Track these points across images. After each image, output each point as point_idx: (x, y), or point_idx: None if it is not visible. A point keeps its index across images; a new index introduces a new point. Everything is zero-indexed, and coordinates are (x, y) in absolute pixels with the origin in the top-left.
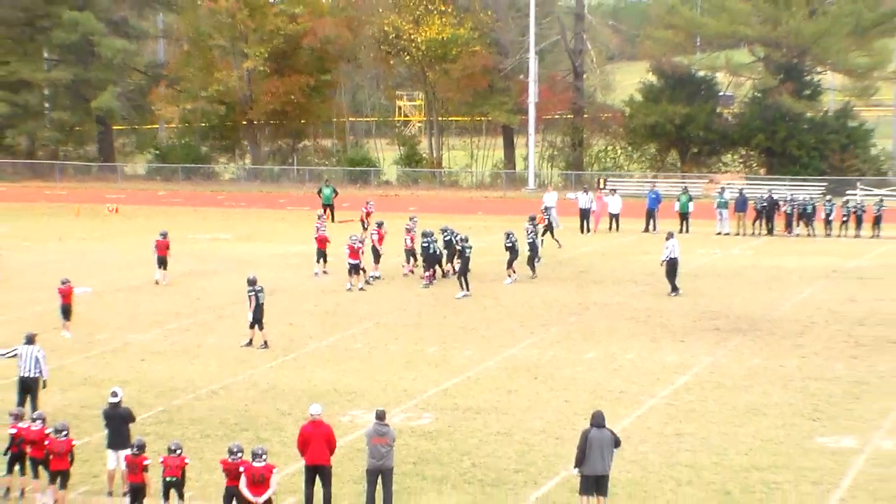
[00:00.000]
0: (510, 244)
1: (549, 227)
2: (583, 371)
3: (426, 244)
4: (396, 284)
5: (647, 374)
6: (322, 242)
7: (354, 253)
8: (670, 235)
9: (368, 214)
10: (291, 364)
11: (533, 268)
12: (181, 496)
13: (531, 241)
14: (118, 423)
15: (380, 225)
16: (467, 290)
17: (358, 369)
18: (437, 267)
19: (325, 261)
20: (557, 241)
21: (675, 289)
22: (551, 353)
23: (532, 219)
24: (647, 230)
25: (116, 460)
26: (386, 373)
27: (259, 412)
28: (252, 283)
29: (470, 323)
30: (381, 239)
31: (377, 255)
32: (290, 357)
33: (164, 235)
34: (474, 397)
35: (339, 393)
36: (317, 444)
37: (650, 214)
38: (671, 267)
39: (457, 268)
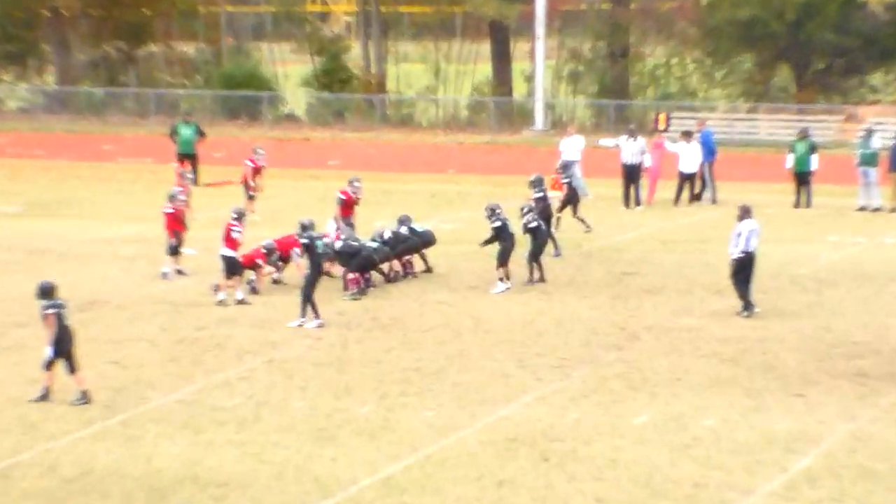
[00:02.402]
0: (498, 224)
1: (570, 197)
2: (628, 447)
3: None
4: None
5: (741, 454)
6: (176, 221)
7: (231, 241)
8: (745, 213)
9: (257, 172)
10: (118, 432)
11: (537, 266)
12: None
13: (534, 225)
14: None
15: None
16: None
17: (234, 442)
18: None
19: (178, 252)
20: (583, 221)
21: (747, 304)
22: (573, 416)
23: (537, 184)
24: (697, 197)
25: None
26: (284, 448)
27: None
28: (46, 292)
29: (432, 361)
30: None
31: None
32: (117, 420)
33: None
34: (440, 494)
35: (201, 484)
36: None
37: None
38: (742, 266)
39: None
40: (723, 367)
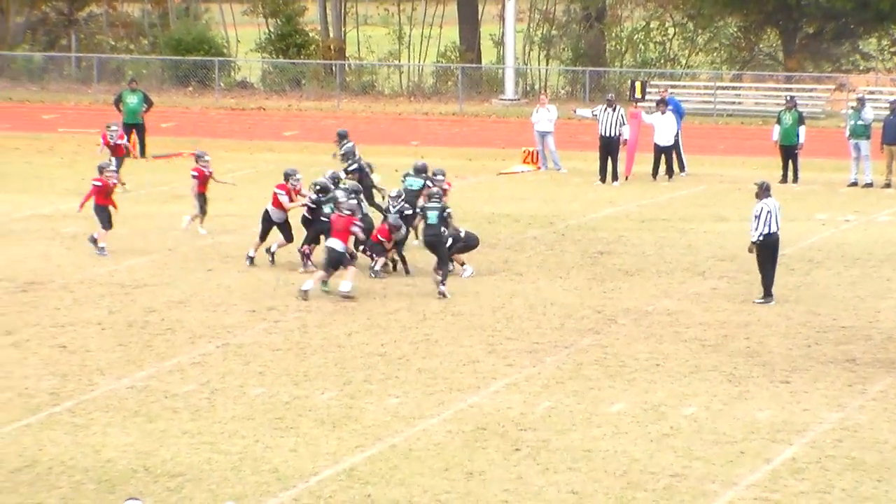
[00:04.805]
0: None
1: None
2: (604, 437)
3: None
4: (262, 271)
5: (722, 444)
6: (102, 195)
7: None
8: (764, 191)
9: (121, 152)
10: (65, 421)
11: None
12: None
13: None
14: None
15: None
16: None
17: (188, 431)
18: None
19: (110, 226)
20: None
21: (769, 292)
22: (546, 404)
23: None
24: (668, 172)
25: None
26: (241, 438)
27: None
28: None
29: (397, 346)
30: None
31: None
32: (63, 408)
33: None
34: (406, 486)
35: (153, 475)
36: None
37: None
38: (767, 249)
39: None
40: (704, 353)
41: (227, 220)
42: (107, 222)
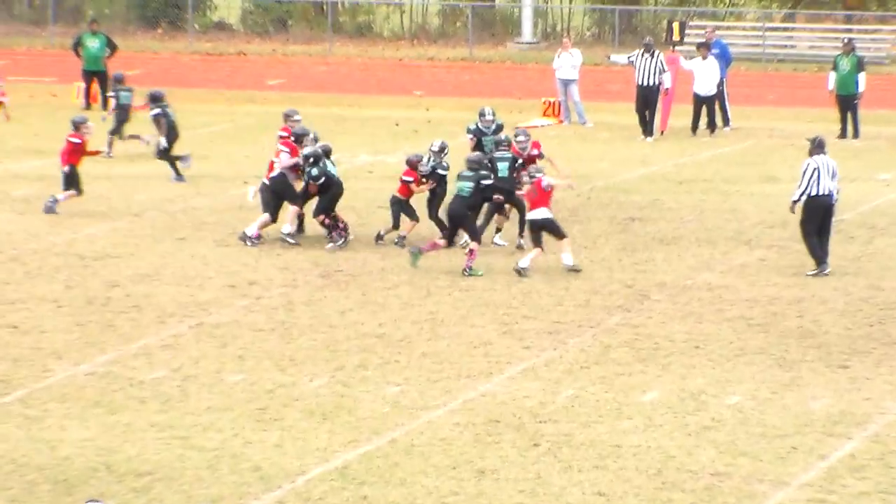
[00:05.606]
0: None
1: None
2: (636, 430)
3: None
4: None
5: (771, 438)
6: (73, 155)
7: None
8: (817, 146)
9: None
10: (16, 412)
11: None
12: None
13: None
14: None
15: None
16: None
17: (157, 424)
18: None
19: (78, 188)
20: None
21: (820, 260)
22: (568, 393)
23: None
24: (710, 126)
25: None
26: (217, 431)
27: None
28: None
29: (397, 326)
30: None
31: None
32: (14, 397)
33: None
34: (407, 486)
35: (117, 474)
36: None
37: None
38: (817, 214)
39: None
40: (751, 334)
41: (202, 181)
42: (67, 183)
